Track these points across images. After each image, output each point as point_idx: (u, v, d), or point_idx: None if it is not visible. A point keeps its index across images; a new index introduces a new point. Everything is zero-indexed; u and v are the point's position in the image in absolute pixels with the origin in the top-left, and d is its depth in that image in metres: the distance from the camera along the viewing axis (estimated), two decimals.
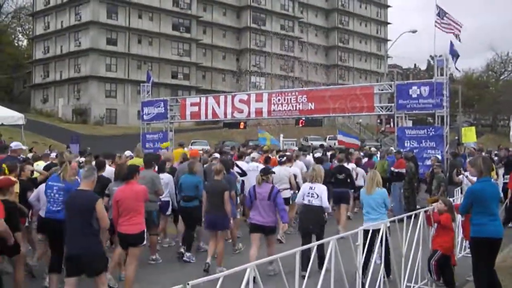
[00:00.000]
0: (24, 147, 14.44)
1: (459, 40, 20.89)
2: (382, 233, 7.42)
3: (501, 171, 18.60)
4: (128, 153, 15.77)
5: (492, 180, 7.81)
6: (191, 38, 71.66)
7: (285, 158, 14.90)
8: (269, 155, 15.49)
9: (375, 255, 7.46)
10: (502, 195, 12.54)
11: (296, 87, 68.55)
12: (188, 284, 3.91)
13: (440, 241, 8.55)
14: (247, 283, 4.61)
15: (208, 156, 16.50)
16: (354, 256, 6.76)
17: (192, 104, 25.71)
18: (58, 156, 10.36)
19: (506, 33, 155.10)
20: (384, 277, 7.32)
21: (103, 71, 64.18)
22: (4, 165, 8.88)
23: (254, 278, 4.71)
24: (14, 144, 13.28)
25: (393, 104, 20.32)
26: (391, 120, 36.96)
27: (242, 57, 79.74)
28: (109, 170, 10.81)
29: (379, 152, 22.67)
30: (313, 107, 22.05)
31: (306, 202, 9.69)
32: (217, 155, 16.50)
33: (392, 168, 17.13)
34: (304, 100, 22.19)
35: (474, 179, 8.37)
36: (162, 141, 25.59)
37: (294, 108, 22.47)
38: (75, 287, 7.01)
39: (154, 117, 26.54)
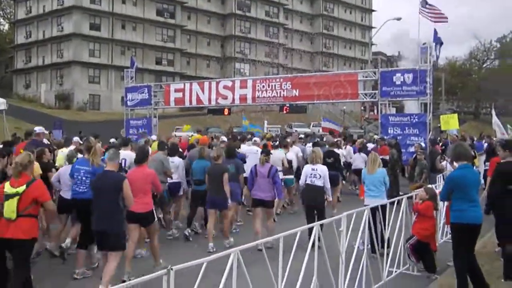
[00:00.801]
0: (46, 132, 15.21)
1: (446, 21, 21.01)
2: (365, 219, 7.48)
3: (483, 158, 18.83)
4: (154, 137, 17.17)
5: (474, 167, 7.90)
6: (175, 24, 71.16)
7: (277, 142, 15.98)
8: (266, 142, 16.55)
9: (358, 241, 7.52)
10: (482, 181, 12.70)
11: (280, 73, 68.54)
12: (171, 268, 3.93)
13: (418, 228, 8.68)
14: (231, 268, 4.64)
15: (217, 140, 17.27)
16: (337, 241, 6.82)
17: (176, 90, 25.60)
18: (84, 141, 10.74)
19: (489, 22, 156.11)
20: (367, 262, 7.39)
21: (86, 57, 63.54)
22: (21, 150, 9.61)
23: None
24: (37, 129, 14.02)
25: (377, 91, 20.42)
26: (375, 107, 37.15)
27: (227, 44, 79.43)
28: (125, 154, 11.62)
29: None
30: (297, 94, 22.07)
31: (309, 182, 10.68)
32: (224, 138, 17.24)
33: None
34: (289, 86, 22.20)
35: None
36: (146, 127, 25.54)
37: (279, 95, 22.49)
38: (105, 257, 7.77)
39: (138, 103, 26.40)
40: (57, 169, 10.16)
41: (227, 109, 25.38)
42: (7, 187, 6.92)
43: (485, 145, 20.85)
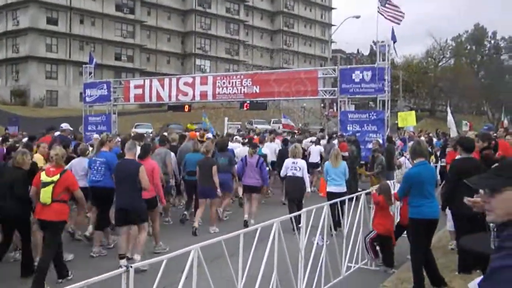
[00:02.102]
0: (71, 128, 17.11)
1: (399, 24, 21.36)
2: (324, 215, 7.57)
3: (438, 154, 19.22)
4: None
5: (430, 163, 8.09)
6: (135, 19, 70.40)
7: (247, 140, 17.61)
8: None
9: (317, 237, 7.61)
10: (438, 177, 13.00)
11: (241, 70, 68.55)
12: (131, 266, 3.91)
13: (378, 222, 8.84)
14: (191, 266, 4.65)
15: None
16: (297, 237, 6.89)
17: (136, 87, 25.37)
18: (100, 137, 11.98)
19: (444, 21, 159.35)
20: (326, 258, 7.48)
21: (43, 52, 62.27)
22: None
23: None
24: (64, 125, 16.19)
25: (336, 88, 20.64)
26: (335, 104, 37.51)
27: (187, 40, 78.99)
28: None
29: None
30: (258, 91, 22.15)
31: (290, 174, 12.04)
32: (210, 135, 19.30)
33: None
34: (249, 83, 22.25)
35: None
36: (105, 123, 25.23)
37: (239, 92, 22.52)
38: (127, 234, 8.87)
39: (97, 99, 26.05)
40: None
41: (188, 105, 25.27)
42: (43, 176, 7.91)
43: (441, 141, 21.33)
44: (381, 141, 17.62)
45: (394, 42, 20.84)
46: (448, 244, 9.67)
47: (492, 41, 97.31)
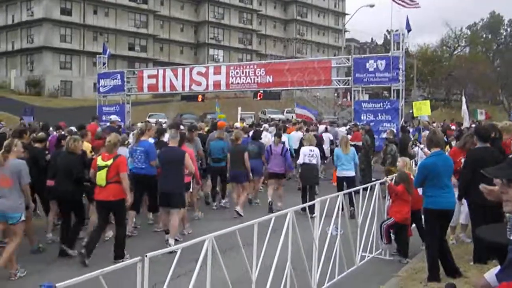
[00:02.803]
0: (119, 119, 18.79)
1: (418, 7, 21.19)
2: (339, 204, 7.55)
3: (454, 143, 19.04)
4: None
5: (446, 152, 8.00)
6: (148, 9, 70.37)
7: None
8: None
9: (331, 227, 7.60)
10: None
11: (254, 60, 68.40)
12: (146, 255, 3.93)
13: (395, 211, 8.76)
14: (205, 255, 4.66)
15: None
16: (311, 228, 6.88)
17: (149, 77, 25.44)
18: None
19: (460, 9, 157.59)
20: (340, 248, 7.47)
21: (57, 42, 62.48)
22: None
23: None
24: (113, 117, 18.19)
25: (350, 78, 20.55)
26: (348, 93, 37.36)
27: (200, 30, 78.87)
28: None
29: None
30: (271, 80, 22.11)
31: (307, 161, 12.90)
32: (238, 125, 20.22)
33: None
34: (262, 73, 22.22)
35: (429, 151, 8.56)
36: (119, 113, 25.30)
37: (252, 81, 22.51)
38: (167, 214, 9.80)
39: (111, 89, 26.17)
40: None
41: (201, 95, 25.29)
42: (99, 161, 8.82)
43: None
44: (395, 131, 17.54)
45: (409, 31, 20.70)
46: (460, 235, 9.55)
47: (509, 29, 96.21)
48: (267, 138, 16.76)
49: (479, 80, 72.03)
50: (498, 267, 2.74)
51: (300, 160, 13.19)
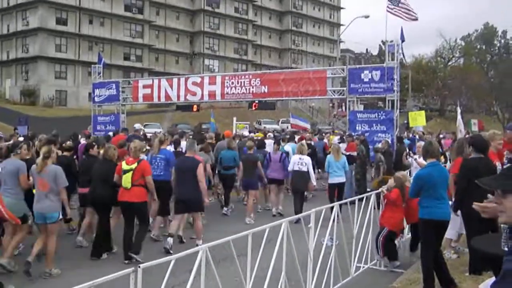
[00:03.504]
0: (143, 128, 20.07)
1: (416, 19, 21.28)
2: (334, 215, 7.54)
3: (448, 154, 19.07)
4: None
5: (441, 163, 7.99)
6: (143, 19, 70.52)
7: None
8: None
9: (326, 237, 7.58)
10: None
11: (249, 70, 68.58)
12: (139, 266, 3.90)
13: (387, 217, 8.76)
14: (199, 266, 4.63)
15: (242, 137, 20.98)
16: (306, 238, 6.86)
17: (144, 86, 25.41)
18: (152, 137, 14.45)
19: (454, 22, 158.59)
20: (335, 258, 7.45)
21: (53, 52, 62.48)
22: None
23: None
24: (137, 126, 19.72)
25: (345, 88, 20.58)
26: (343, 104, 37.45)
27: (196, 40, 79.04)
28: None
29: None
30: (266, 91, 22.12)
31: (296, 168, 13.40)
32: (246, 133, 21.94)
33: (344, 152, 17.35)
34: (258, 83, 22.22)
35: (423, 162, 8.57)
36: (114, 123, 25.29)
37: (248, 91, 22.50)
38: (180, 220, 10.51)
39: (106, 99, 26.11)
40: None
41: (196, 105, 25.28)
42: (124, 165, 9.54)
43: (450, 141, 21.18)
44: (390, 141, 17.56)
45: (402, 42, 20.76)
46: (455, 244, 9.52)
47: (502, 40, 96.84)
48: (271, 146, 17.22)
49: (474, 91, 72.33)
50: (493, 278, 2.73)
51: (290, 167, 13.70)
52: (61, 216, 8.66)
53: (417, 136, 20.11)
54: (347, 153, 17.10)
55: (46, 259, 8.50)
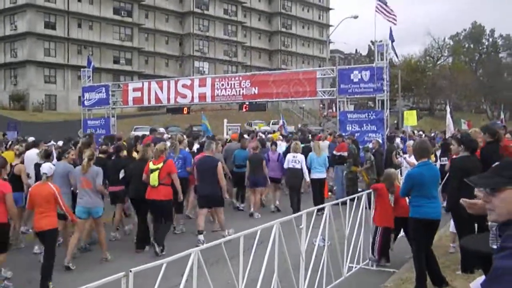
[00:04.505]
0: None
1: (394, 24, 21.44)
2: (326, 215, 7.54)
3: (438, 153, 19.16)
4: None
5: (431, 163, 8.00)
6: (133, 22, 70.42)
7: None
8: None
9: (318, 238, 7.58)
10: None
11: (239, 72, 68.57)
12: (130, 271, 3.89)
13: (379, 214, 8.80)
14: (191, 268, 4.62)
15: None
16: (298, 239, 6.86)
17: (134, 90, 25.34)
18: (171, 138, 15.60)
19: (443, 22, 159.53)
20: (327, 259, 7.45)
21: (41, 56, 62.25)
22: (124, 142, 15.01)
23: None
24: (161, 129, 21.52)
25: (335, 89, 20.63)
26: (334, 104, 37.52)
27: (185, 42, 78.99)
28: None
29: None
30: (256, 92, 22.12)
31: (291, 166, 14.26)
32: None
33: (334, 152, 17.39)
34: (248, 85, 22.23)
35: (413, 161, 8.60)
36: (104, 127, 25.20)
37: (238, 93, 22.49)
38: (204, 215, 11.30)
39: (96, 102, 26.02)
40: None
41: (186, 108, 25.25)
42: (151, 165, 10.37)
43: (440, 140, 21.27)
44: (380, 141, 17.61)
45: (392, 42, 20.84)
46: (449, 244, 9.59)
47: (490, 39, 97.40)
48: (281, 147, 18.43)
49: (463, 90, 72.78)
50: (484, 276, 2.75)
51: (285, 165, 14.53)
52: (103, 212, 9.89)
53: (406, 136, 20.18)
54: (338, 153, 17.15)
55: (101, 248, 9.84)
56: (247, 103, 23.31)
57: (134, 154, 12.44)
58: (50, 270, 8.08)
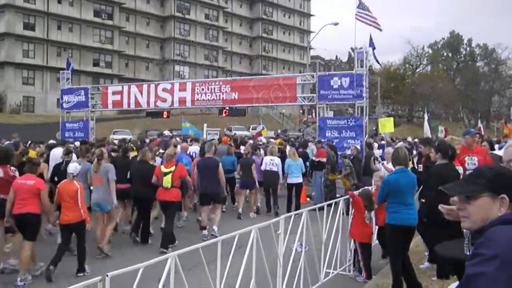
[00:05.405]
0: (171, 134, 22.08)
1: (380, 30, 21.55)
2: (304, 221, 7.56)
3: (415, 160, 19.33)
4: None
5: (408, 170, 8.03)
6: (113, 25, 70.02)
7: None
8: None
9: (296, 243, 7.60)
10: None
11: (220, 77, 68.53)
12: (107, 275, 3.87)
13: (354, 228, 8.77)
14: (168, 274, 4.61)
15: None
16: (275, 243, 6.88)
17: (114, 93, 25.20)
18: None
19: (421, 28, 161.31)
20: (305, 264, 7.47)
21: (20, 57, 61.56)
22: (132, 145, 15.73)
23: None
24: (166, 132, 22.02)
25: (315, 95, 20.73)
26: (313, 110, 37.67)
27: (166, 46, 78.77)
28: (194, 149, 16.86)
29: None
30: (236, 97, 22.15)
31: (268, 168, 15.27)
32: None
33: (313, 158, 17.47)
34: (228, 89, 22.25)
35: (391, 167, 8.66)
36: (83, 130, 25.01)
37: (218, 98, 22.50)
38: (207, 212, 12.20)
39: (75, 105, 25.82)
40: None
41: (166, 112, 25.17)
42: (163, 168, 11.08)
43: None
44: (359, 147, 17.71)
45: (374, 49, 21.00)
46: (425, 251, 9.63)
47: (468, 48, 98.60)
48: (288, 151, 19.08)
49: (441, 98, 73.52)
50: (457, 282, 2.78)
51: (262, 167, 15.43)
52: (114, 204, 10.58)
53: (384, 143, 20.32)
54: (317, 159, 17.23)
55: (100, 236, 10.37)
56: (227, 108, 23.34)
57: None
58: (85, 255, 9.03)
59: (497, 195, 2.45)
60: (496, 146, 13.11)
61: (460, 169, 8.38)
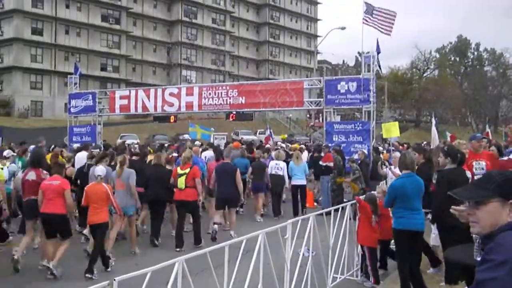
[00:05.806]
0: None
1: (389, 35, 21.44)
2: (311, 225, 7.54)
3: None
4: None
5: (415, 174, 7.99)
6: (120, 29, 70.27)
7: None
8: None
9: (303, 248, 7.58)
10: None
11: (227, 81, 68.60)
12: (114, 279, 3.87)
13: (361, 233, 8.72)
14: (175, 278, 4.61)
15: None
16: (283, 248, 6.86)
17: (121, 97, 25.25)
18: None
19: (429, 33, 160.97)
20: (312, 269, 7.45)
21: (28, 62, 61.86)
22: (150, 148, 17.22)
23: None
24: (186, 136, 22.06)
25: (322, 99, 20.70)
26: (320, 114, 37.61)
27: (173, 51, 78.96)
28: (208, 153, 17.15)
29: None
30: (243, 102, 22.14)
31: (273, 172, 15.72)
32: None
33: (320, 162, 17.44)
34: (235, 94, 22.24)
35: (399, 172, 8.62)
36: (90, 134, 25.07)
37: (225, 102, 22.50)
38: (220, 215, 12.90)
39: (82, 110, 25.88)
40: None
41: (173, 116, 25.20)
42: (179, 170, 11.71)
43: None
44: (366, 152, 17.67)
45: (378, 53, 20.91)
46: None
47: (475, 53, 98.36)
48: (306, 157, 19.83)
49: (448, 102, 73.31)
50: None
51: (268, 171, 15.85)
52: (134, 211, 11.11)
53: (392, 148, 20.24)
54: (324, 164, 17.20)
55: (131, 242, 11.02)
56: (234, 112, 23.33)
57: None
58: (97, 257, 9.25)
59: (506, 201, 2.44)
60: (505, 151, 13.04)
61: (468, 174, 8.35)
